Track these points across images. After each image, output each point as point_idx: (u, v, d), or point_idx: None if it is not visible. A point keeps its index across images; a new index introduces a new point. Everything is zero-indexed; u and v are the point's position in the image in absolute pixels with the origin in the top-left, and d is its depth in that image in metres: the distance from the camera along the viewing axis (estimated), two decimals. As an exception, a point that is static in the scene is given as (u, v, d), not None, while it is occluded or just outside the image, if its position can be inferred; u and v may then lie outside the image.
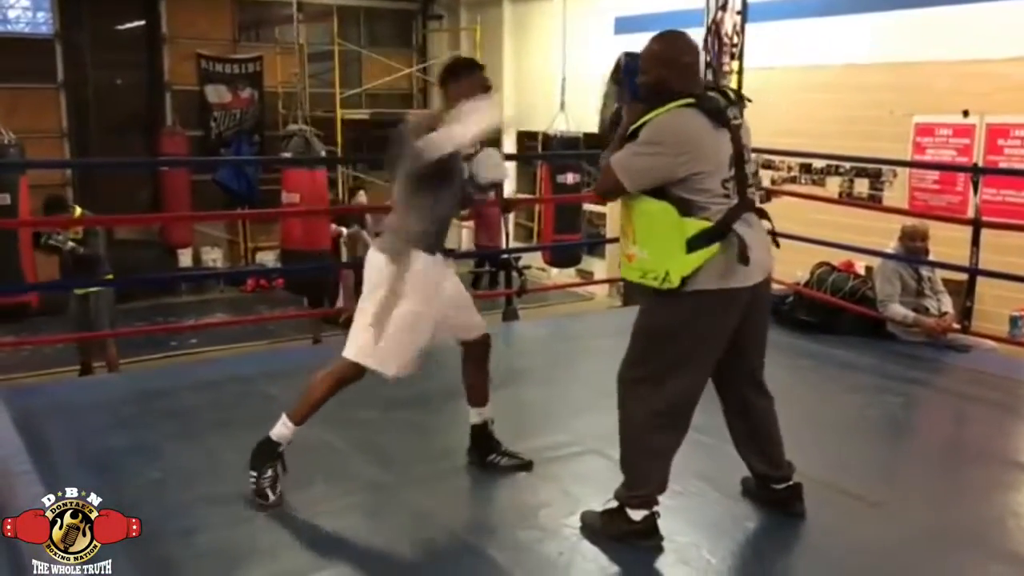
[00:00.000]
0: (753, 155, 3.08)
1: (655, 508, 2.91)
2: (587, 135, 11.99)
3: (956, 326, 5.36)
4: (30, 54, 12.44)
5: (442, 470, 3.44)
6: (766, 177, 9.12)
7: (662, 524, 2.95)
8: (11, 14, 14.30)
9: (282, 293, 11.83)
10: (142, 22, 12.94)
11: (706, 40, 8.25)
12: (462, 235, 13.45)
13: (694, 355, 2.85)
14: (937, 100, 7.91)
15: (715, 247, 2.72)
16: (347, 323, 9.21)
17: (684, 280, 2.71)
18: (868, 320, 5.42)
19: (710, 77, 8.54)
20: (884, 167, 8.30)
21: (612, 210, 12.56)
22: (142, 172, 12.78)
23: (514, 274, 11.40)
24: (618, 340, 5.65)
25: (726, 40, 8.14)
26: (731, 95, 2.89)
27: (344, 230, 9.35)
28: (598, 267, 13.02)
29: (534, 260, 13.15)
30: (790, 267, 6.20)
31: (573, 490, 3.35)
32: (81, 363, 7.16)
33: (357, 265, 4.07)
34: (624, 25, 11.80)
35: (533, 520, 3.14)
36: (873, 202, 8.40)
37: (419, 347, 3.15)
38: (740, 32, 7.59)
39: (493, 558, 2.92)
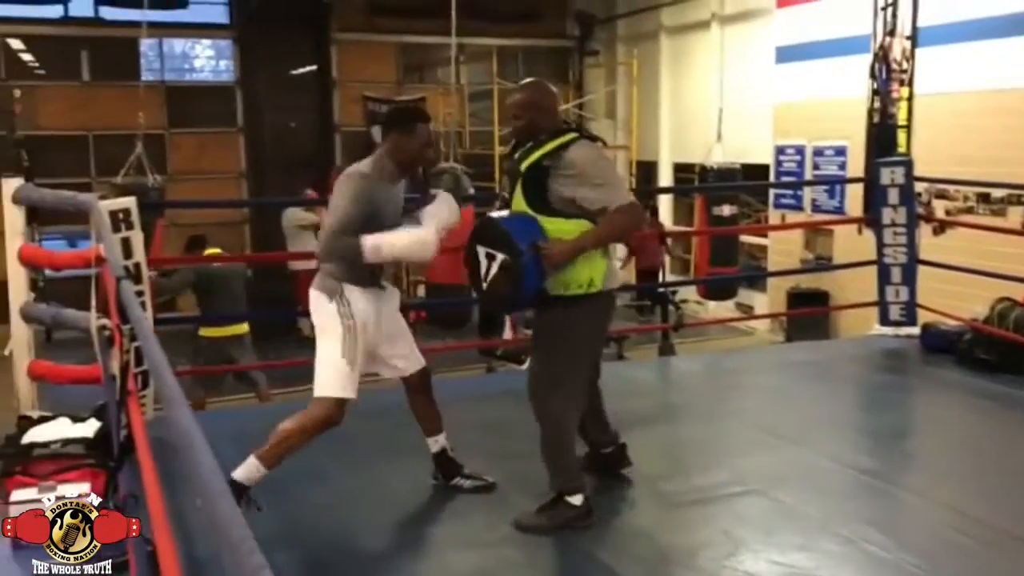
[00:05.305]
0: (923, 185, 3.22)
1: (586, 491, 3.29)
2: (745, 166, 11.78)
3: None
4: (213, 100, 13.34)
5: (600, 506, 3.42)
6: (940, 208, 8.68)
7: (830, 567, 2.84)
8: (196, 63, 15.44)
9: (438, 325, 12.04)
10: (314, 67, 13.66)
11: (873, 67, 7.98)
12: (616, 268, 13.39)
13: (593, 350, 3.40)
14: None
15: (606, 253, 3.27)
16: (505, 355, 9.26)
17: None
18: (1057, 359, 5.04)
19: (878, 104, 8.26)
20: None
21: (773, 243, 12.26)
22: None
23: (671, 308, 11.26)
24: (781, 377, 5.54)
25: (895, 66, 7.85)
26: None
27: None
28: (758, 301, 12.71)
29: (690, 294, 12.96)
30: (968, 302, 5.86)
31: (734, 531, 3.26)
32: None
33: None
34: (787, 54, 11.57)
35: (692, 561, 3.07)
36: (1061, 233, 7.84)
37: (357, 376, 3.28)
38: (910, 57, 7.30)
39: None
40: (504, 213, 3.25)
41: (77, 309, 3.81)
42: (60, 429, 3.48)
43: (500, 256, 3.11)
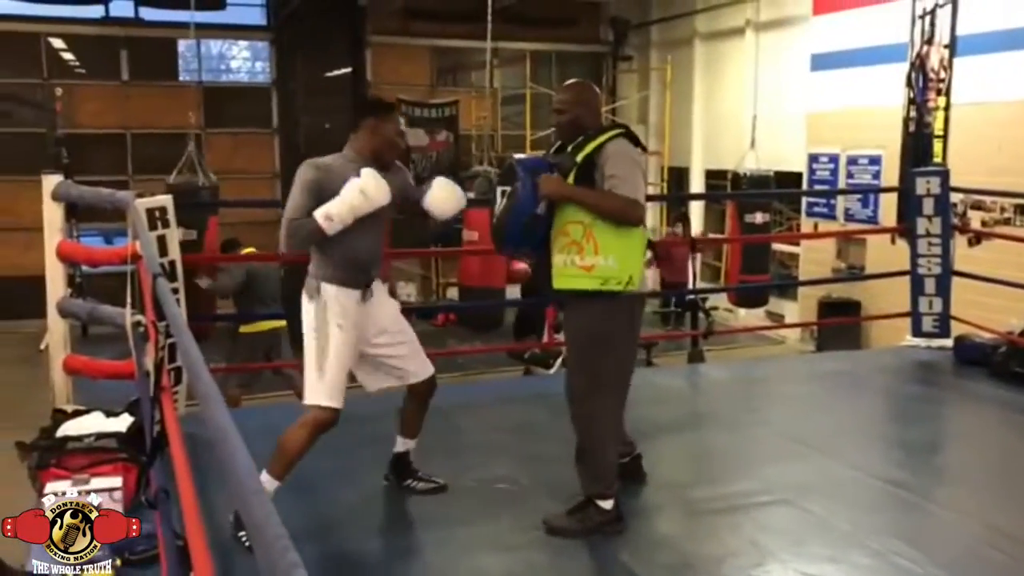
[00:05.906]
0: (959, 196, 3.18)
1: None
2: (778, 174, 11.70)
3: None
4: (249, 101, 13.48)
5: (626, 513, 3.41)
6: (976, 219, 8.57)
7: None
8: (233, 64, 15.61)
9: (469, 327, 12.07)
10: (349, 69, 13.76)
11: (909, 76, 7.91)
12: (646, 274, 13.37)
13: (631, 349, 3.41)
14: None
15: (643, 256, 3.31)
16: (533, 358, 9.23)
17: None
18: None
19: (914, 114, 8.18)
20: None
21: (805, 251, 12.17)
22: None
23: (700, 315, 11.20)
24: (812, 386, 5.50)
25: (932, 75, 7.77)
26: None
27: None
28: (789, 309, 12.62)
29: (721, 301, 12.89)
30: (1003, 314, 5.79)
31: (762, 541, 3.24)
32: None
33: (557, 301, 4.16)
34: (822, 62, 11.48)
35: (719, 570, 3.06)
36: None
37: (345, 379, 3.23)
38: (948, 67, 7.22)
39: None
40: (521, 156, 3.54)
41: (113, 305, 3.87)
42: (94, 423, 3.54)
43: (508, 188, 3.28)
